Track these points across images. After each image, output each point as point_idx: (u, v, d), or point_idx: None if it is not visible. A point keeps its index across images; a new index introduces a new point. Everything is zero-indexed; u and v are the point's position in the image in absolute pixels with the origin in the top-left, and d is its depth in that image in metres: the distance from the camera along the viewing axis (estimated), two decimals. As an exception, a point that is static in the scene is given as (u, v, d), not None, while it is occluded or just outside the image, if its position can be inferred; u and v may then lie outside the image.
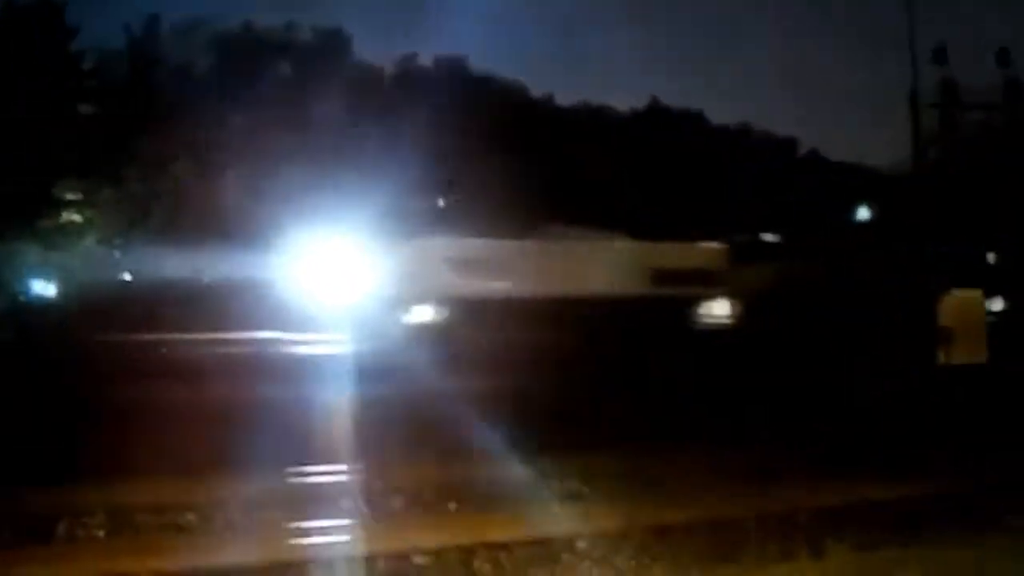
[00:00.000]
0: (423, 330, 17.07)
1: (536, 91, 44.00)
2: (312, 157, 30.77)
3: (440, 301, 17.68)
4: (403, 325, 17.22)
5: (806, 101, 63.69)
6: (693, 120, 47.44)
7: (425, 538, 8.70)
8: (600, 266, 19.37)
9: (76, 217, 34.66)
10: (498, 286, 17.58)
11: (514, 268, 18.19)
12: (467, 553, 8.53)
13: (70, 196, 34.60)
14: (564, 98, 44.20)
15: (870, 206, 42.08)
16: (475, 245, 18.65)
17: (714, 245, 22.94)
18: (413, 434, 11.88)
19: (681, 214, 32.79)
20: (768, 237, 27.55)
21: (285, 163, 30.49)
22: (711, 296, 21.88)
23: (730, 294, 22.28)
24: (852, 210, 42.41)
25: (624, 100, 46.08)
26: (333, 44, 40.38)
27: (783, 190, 41.71)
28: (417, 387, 13.24)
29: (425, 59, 42.89)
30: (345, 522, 9.55)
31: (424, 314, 17.68)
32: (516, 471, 10.84)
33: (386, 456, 11.23)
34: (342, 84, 36.62)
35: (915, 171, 33.83)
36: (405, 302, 17.58)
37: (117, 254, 32.39)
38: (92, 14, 41.44)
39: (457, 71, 42.28)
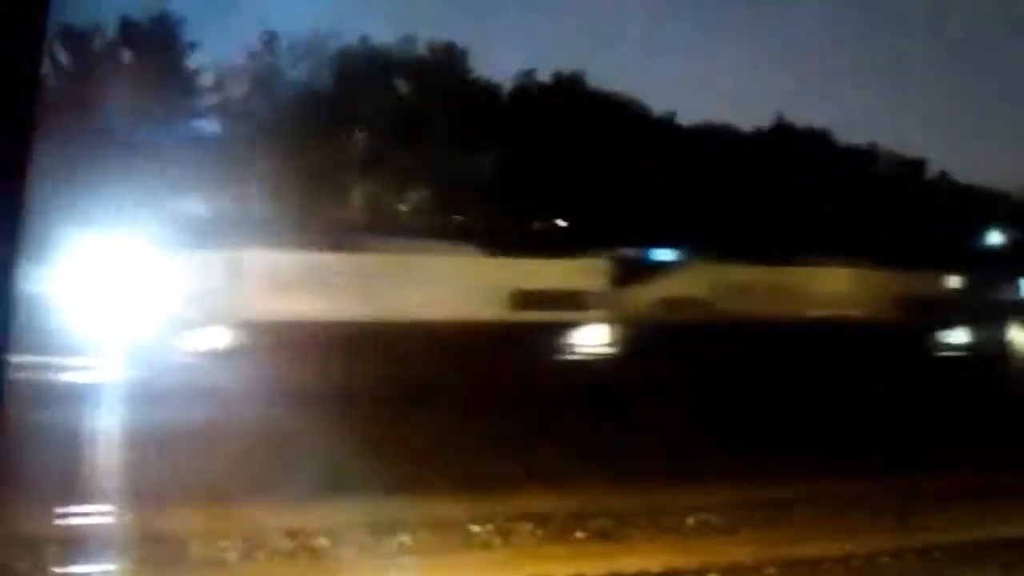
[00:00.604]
0: (213, 357, 16.87)
1: (659, 109, 49.66)
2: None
3: (235, 323, 17.59)
4: (189, 350, 17.12)
5: (938, 122, 69.68)
6: (818, 140, 53.02)
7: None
8: (445, 285, 19.35)
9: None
10: (310, 307, 17.31)
11: (331, 286, 18.01)
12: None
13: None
14: (686, 117, 50.17)
15: (1002, 230, 46.90)
16: (284, 258, 18.41)
17: (591, 262, 23.23)
18: (186, 474, 12.17)
19: (757, 234, 36.49)
20: (661, 254, 28.78)
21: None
22: (586, 321, 23.02)
23: (609, 319, 23.47)
24: (981, 234, 47.15)
25: (751, 119, 51.81)
26: (450, 59, 45.32)
27: (901, 214, 46.56)
28: (202, 422, 13.38)
29: (543, 75, 48.62)
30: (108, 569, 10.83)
31: (215, 338, 17.53)
32: (302, 516, 11.46)
33: (150, 499, 11.50)
34: (459, 100, 41.89)
35: None
36: (192, 323, 17.48)
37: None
38: (208, 29, 45.61)
39: (576, 87, 47.84)
